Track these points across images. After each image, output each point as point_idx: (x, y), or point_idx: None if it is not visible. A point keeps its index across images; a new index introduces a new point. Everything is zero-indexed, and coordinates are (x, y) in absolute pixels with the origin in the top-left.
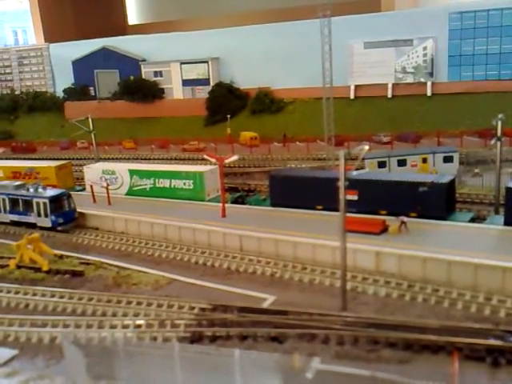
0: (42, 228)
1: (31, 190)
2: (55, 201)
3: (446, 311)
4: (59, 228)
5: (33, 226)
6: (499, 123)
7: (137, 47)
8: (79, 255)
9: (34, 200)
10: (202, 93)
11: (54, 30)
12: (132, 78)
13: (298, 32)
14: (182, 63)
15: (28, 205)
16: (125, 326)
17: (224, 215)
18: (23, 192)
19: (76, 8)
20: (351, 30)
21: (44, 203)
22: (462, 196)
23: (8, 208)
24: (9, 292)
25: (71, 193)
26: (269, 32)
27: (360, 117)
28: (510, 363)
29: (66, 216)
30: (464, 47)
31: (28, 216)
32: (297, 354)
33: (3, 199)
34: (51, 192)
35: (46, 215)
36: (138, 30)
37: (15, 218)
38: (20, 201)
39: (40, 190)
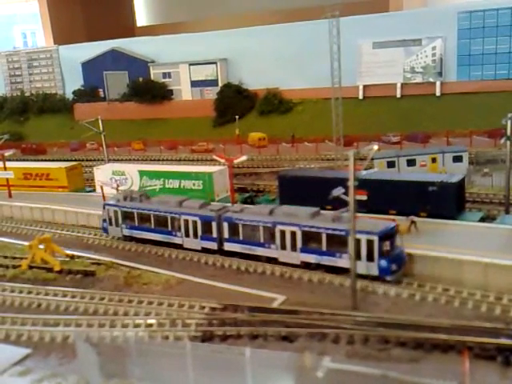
0: (361, 276)
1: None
2: (386, 238)
3: (456, 311)
4: (389, 278)
5: (340, 270)
6: (509, 123)
7: (145, 49)
8: (90, 255)
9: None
10: (211, 94)
11: (64, 32)
12: (141, 79)
13: (306, 32)
14: (191, 64)
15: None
16: (136, 325)
17: None
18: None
19: (85, 10)
20: (360, 30)
21: (369, 241)
22: (471, 196)
23: (300, 244)
24: (21, 292)
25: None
26: (277, 33)
27: (369, 117)
28: None
29: (397, 260)
30: (473, 47)
31: (336, 258)
32: (307, 352)
33: (294, 232)
34: (377, 225)
35: (371, 258)
36: (147, 31)
37: (308, 257)
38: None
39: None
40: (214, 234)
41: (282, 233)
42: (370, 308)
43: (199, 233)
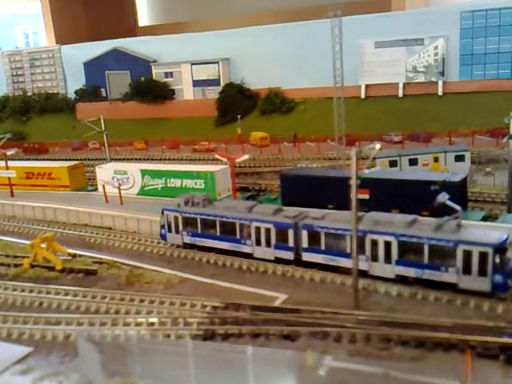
0: (462, 291)
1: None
2: (501, 250)
3: (458, 310)
4: (503, 295)
5: (447, 286)
6: (511, 122)
7: (147, 48)
8: (92, 254)
9: (462, 248)
10: (213, 93)
11: (66, 32)
12: (143, 79)
13: (308, 32)
14: (193, 64)
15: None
16: (138, 324)
17: None
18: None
19: (87, 10)
20: (362, 29)
21: (482, 254)
22: (473, 195)
23: (396, 256)
24: (23, 291)
25: None
26: (279, 32)
27: (371, 116)
28: None
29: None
30: (475, 46)
31: (441, 272)
32: (309, 351)
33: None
34: (489, 235)
35: (483, 273)
36: (149, 31)
37: (406, 271)
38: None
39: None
40: (291, 243)
41: (374, 243)
42: (371, 307)
43: (273, 241)
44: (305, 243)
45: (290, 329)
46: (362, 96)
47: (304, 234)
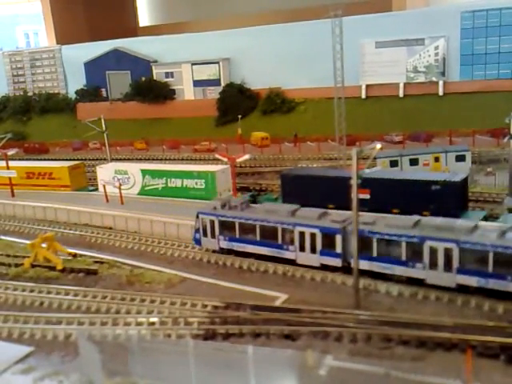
0: None
1: None
2: None
3: (459, 309)
4: None
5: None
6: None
7: (148, 48)
8: (93, 254)
9: None
10: (213, 93)
11: (66, 32)
12: (143, 79)
13: (309, 32)
14: (193, 64)
15: None
16: (139, 324)
17: None
18: None
19: (87, 10)
20: (362, 29)
21: None
22: (474, 195)
23: (457, 264)
24: (24, 290)
25: None
26: (280, 32)
27: (371, 116)
28: None
29: None
30: (476, 46)
31: (508, 281)
32: (310, 350)
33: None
34: None
35: None
36: (149, 31)
37: (468, 280)
38: None
39: None
40: (338, 249)
41: (433, 250)
42: (372, 306)
43: (318, 247)
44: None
45: (291, 328)
46: (363, 96)
47: (354, 239)
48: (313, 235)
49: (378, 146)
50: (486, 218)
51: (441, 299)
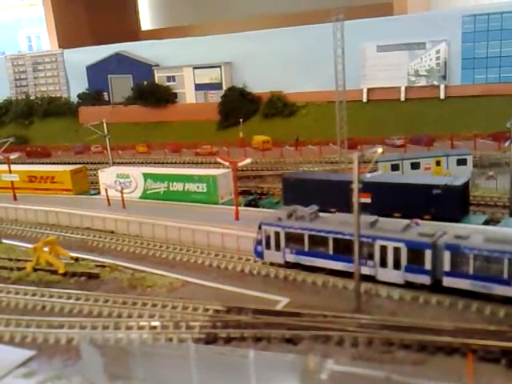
0: None
1: None
2: None
3: (460, 313)
4: None
5: None
6: None
7: (150, 52)
8: (95, 258)
9: None
10: (215, 97)
11: (68, 36)
12: (145, 82)
13: (310, 36)
14: (195, 68)
15: None
16: (140, 327)
17: (237, 218)
18: None
19: (90, 14)
20: (364, 33)
21: None
22: (475, 199)
23: None
24: (26, 294)
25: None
26: (281, 36)
27: (373, 120)
28: None
29: None
30: (477, 50)
31: None
32: (311, 355)
33: None
34: None
35: None
36: (151, 35)
37: None
38: None
39: None
40: (427, 266)
41: None
42: (373, 310)
43: (403, 263)
44: (447, 266)
45: (292, 332)
46: (364, 100)
47: (446, 255)
48: (397, 250)
49: (380, 149)
50: (487, 222)
51: (442, 303)
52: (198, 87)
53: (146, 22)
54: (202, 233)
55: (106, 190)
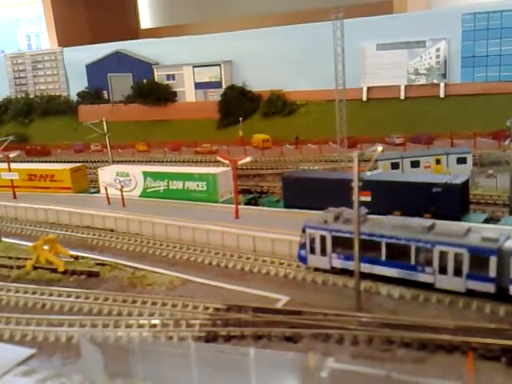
0: None
1: None
2: None
3: (460, 312)
4: None
5: None
6: None
7: (150, 51)
8: (94, 256)
9: None
10: (215, 96)
11: (68, 35)
12: (145, 81)
13: (310, 34)
14: (195, 66)
15: None
16: (140, 326)
17: (237, 216)
18: None
19: (89, 12)
20: (364, 32)
21: None
22: (475, 197)
23: None
24: (26, 292)
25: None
26: (281, 35)
27: (373, 118)
28: None
29: None
30: (477, 48)
31: None
32: (311, 353)
33: None
34: None
35: None
36: (151, 33)
37: None
38: None
39: None
40: (492, 273)
41: None
42: (373, 309)
43: (465, 270)
44: None
45: (292, 331)
46: (364, 98)
47: None
48: (458, 256)
49: (379, 148)
50: (487, 220)
51: (442, 301)
52: (198, 86)
53: (146, 21)
54: (202, 231)
55: (106, 188)
